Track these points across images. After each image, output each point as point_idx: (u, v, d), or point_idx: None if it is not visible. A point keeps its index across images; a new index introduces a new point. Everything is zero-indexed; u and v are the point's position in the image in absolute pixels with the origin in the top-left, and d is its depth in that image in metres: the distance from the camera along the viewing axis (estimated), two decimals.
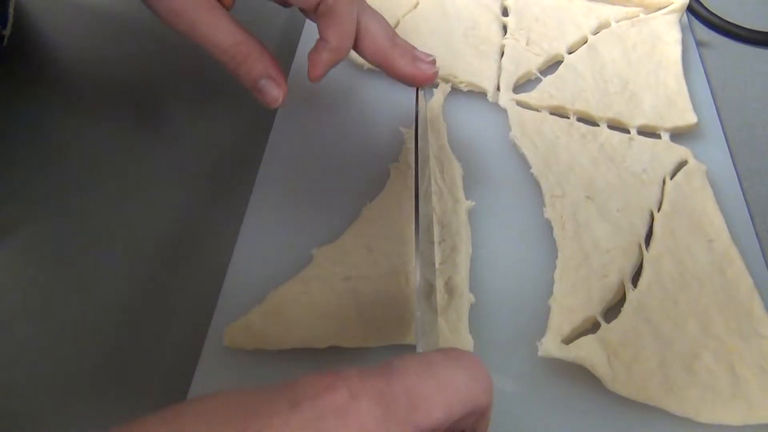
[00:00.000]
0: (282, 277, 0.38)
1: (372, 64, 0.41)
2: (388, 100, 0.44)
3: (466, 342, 0.35)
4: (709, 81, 0.49)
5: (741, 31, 0.52)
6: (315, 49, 0.39)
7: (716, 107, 0.47)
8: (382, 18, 0.41)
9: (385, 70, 0.41)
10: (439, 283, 0.37)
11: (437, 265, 0.38)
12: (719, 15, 0.53)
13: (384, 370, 0.22)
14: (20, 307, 0.39)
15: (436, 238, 0.39)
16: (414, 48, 0.42)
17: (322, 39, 0.39)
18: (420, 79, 0.41)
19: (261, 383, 0.35)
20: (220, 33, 0.37)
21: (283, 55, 0.51)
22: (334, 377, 0.22)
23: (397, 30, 0.51)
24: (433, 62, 0.42)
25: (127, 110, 0.50)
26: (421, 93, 0.42)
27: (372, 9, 0.41)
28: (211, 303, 0.38)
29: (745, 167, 0.44)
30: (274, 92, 0.38)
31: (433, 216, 0.40)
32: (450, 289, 0.37)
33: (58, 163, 0.46)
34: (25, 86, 0.51)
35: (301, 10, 0.40)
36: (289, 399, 0.21)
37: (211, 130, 0.48)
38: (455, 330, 0.35)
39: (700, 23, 0.54)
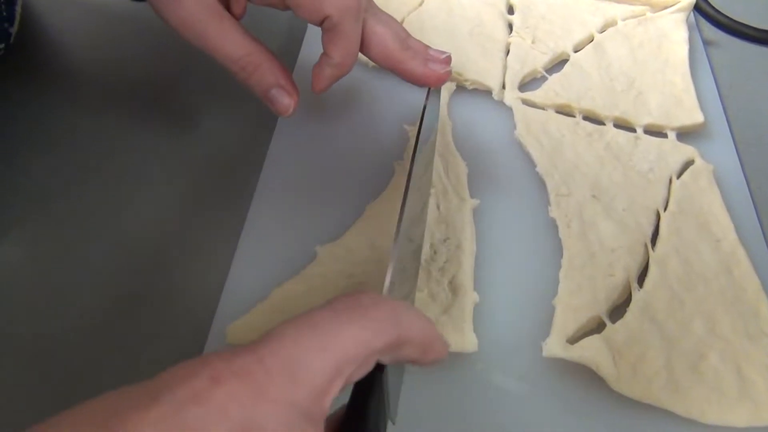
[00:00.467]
0: (285, 274, 0.38)
1: (383, 68, 0.40)
2: (393, 98, 0.44)
3: (470, 342, 0.35)
4: (716, 80, 0.49)
5: (749, 31, 0.52)
6: (318, 65, 0.39)
7: (723, 106, 0.47)
8: (392, 20, 0.41)
9: (397, 74, 0.40)
10: (443, 282, 0.37)
11: (442, 264, 0.38)
12: (726, 14, 0.52)
13: (257, 345, 0.21)
14: (23, 301, 0.39)
15: (440, 236, 0.39)
16: (427, 47, 0.41)
17: (325, 54, 0.39)
18: (432, 80, 0.40)
19: None
20: (231, 44, 0.37)
21: (287, 53, 0.51)
22: (196, 363, 0.21)
23: None
24: (447, 61, 0.40)
25: (132, 106, 0.50)
26: (433, 93, 0.41)
27: (381, 12, 0.40)
28: (214, 300, 0.38)
29: (752, 167, 0.44)
30: (285, 101, 0.39)
31: (438, 214, 0.40)
32: (454, 288, 0.37)
33: (63, 158, 0.46)
34: (32, 83, 0.51)
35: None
36: (149, 393, 0.20)
37: (215, 127, 0.48)
38: (459, 329, 0.35)
39: (708, 22, 0.53)
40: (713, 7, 0.53)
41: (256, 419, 0.20)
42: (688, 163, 0.43)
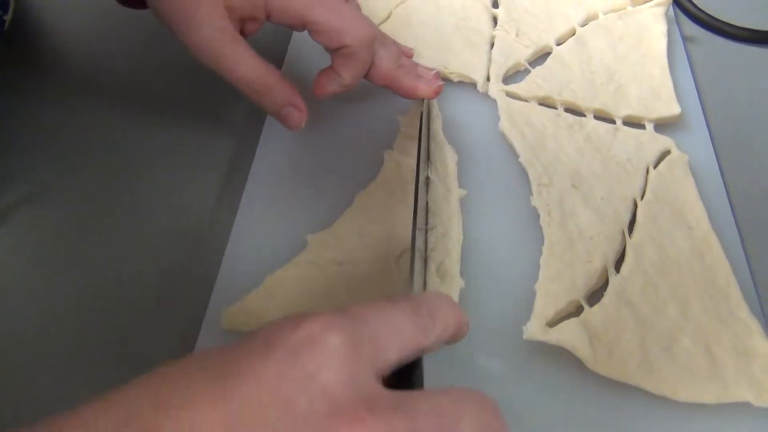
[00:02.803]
0: (277, 262, 0.39)
1: (379, 86, 0.44)
2: (383, 89, 0.45)
3: None
4: (693, 73, 0.50)
5: (727, 27, 0.53)
6: (327, 77, 0.42)
7: (700, 99, 0.49)
8: (389, 41, 0.44)
9: (393, 89, 0.44)
10: (432, 268, 0.39)
11: (429, 252, 0.39)
12: (705, 10, 0.54)
13: (348, 315, 0.23)
14: (20, 287, 0.40)
15: (427, 225, 0.41)
16: (417, 65, 0.46)
17: (335, 72, 0.42)
18: (423, 91, 0.44)
19: None
20: (243, 67, 0.39)
21: (275, 50, 0.52)
22: (305, 315, 0.23)
23: (388, 22, 0.53)
24: (436, 76, 0.45)
25: (125, 95, 0.50)
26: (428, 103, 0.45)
27: (382, 35, 0.44)
28: (209, 287, 0.39)
29: (727, 158, 0.46)
30: (296, 118, 0.41)
31: (424, 203, 0.42)
32: (441, 274, 0.38)
33: (57, 147, 0.47)
34: (26, 71, 0.51)
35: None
36: (264, 340, 0.22)
37: (207, 118, 0.49)
38: None
39: (687, 18, 0.55)
40: (692, 3, 0.55)
41: (354, 369, 0.22)
42: (665, 154, 0.44)
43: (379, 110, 0.48)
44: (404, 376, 0.25)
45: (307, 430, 0.20)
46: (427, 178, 0.42)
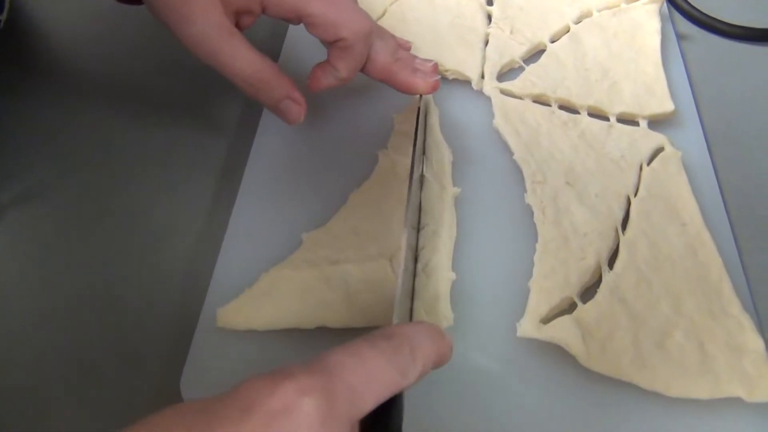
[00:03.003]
0: (272, 260, 0.40)
1: (376, 80, 0.44)
2: (378, 87, 0.45)
3: (445, 316, 0.36)
4: (687, 71, 0.50)
5: (721, 25, 0.53)
6: (322, 70, 0.42)
7: (694, 96, 0.49)
8: (387, 34, 0.44)
9: (389, 83, 0.44)
10: (418, 267, 0.39)
11: (419, 251, 0.40)
12: (699, 8, 0.54)
13: (323, 366, 0.23)
14: (15, 286, 0.41)
15: (419, 224, 0.41)
16: (414, 57, 0.44)
17: (331, 66, 0.41)
18: (420, 86, 0.43)
19: (252, 362, 0.37)
20: (241, 62, 0.38)
21: (272, 39, 0.52)
22: (279, 377, 0.22)
23: (383, 20, 0.53)
24: (434, 69, 0.44)
25: (120, 94, 0.51)
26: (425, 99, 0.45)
27: (379, 28, 0.43)
28: (204, 285, 0.39)
29: (720, 154, 0.46)
30: (295, 112, 0.41)
31: (416, 201, 0.42)
32: (428, 272, 0.38)
33: (52, 146, 0.47)
34: (21, 70, 0.52)
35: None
36: (239, 406, 0.22)
37: (202, 117, 0.49)
38: (431, 311, 0.36)
39: (680, 15, 0.55)
40: (686, 1, 0.55)
41: (329, 429, 0.22)
42: (659, 150, 0.44)
43: (375, 109, 0.48)
44: (382, 411, 0.25)
45: None
46: (422, 175, 0.42)
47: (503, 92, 0.48)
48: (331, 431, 0.22)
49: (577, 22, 0.52)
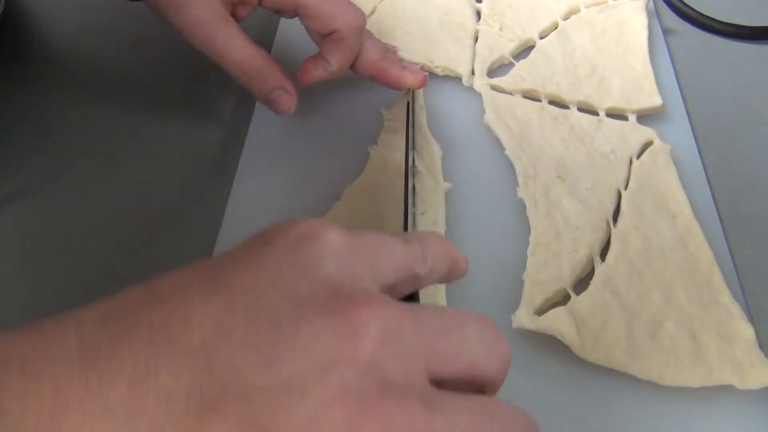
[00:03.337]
0: None
1: (365, 76, 0.45)
2: (368, 82, 0.45)
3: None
4: (674, 66, 0.51)
5: (710, 22, 0.54)
6: (314, 62, 0.42)
7: (681, 91, 0.49)
8: (375, 37, 0.45)
9: (379, 80, 0.45)
10: None
11: None
12: (689, 5, 0.55)
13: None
14: (13, 278, 0.40)
15: (418, 210, 0.41)
16: (402, 59, 0.47)
17: (324, 59, 0.42)
18: (410, 80, 0.45)
19: None
20: (234, 50, 0.38)
21: (263, 33, 0.53)
22: (299, 219, 0.22)
23: (374, 16, 0.53)
24: (421, 69, 0.46)
25: (117, 89, 0.50)
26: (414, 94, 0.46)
27: (368, 31, 0.44)
28: None
29: (707, 147, 0.46)
30: (286, 102, 0.41)
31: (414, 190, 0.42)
32: None
33: (49, 141, 0.47)
34: (16, 64, 0.51)
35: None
36: (260, 239, 0.22)
37: (196, 112, 0.49)
38: (433, 299, 0.37)
39: (671, 11, 0.55)
40: None
41: (354, 268, 0.21)
42: (648, 144, 0.45)
43: (364, 105, 0.48)
44: None
45: (309, 313, 0.19)
46: (414, 166, 0.42)
47: (494, 88, 0.49)
48: (356, 269, 0.21)
49: (566, 18, 0.53)
